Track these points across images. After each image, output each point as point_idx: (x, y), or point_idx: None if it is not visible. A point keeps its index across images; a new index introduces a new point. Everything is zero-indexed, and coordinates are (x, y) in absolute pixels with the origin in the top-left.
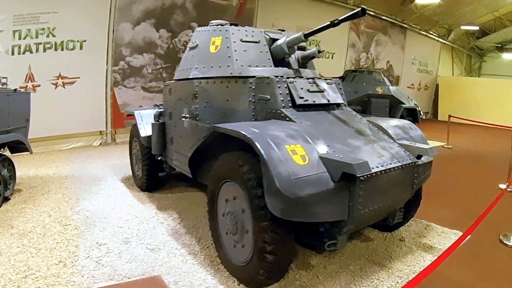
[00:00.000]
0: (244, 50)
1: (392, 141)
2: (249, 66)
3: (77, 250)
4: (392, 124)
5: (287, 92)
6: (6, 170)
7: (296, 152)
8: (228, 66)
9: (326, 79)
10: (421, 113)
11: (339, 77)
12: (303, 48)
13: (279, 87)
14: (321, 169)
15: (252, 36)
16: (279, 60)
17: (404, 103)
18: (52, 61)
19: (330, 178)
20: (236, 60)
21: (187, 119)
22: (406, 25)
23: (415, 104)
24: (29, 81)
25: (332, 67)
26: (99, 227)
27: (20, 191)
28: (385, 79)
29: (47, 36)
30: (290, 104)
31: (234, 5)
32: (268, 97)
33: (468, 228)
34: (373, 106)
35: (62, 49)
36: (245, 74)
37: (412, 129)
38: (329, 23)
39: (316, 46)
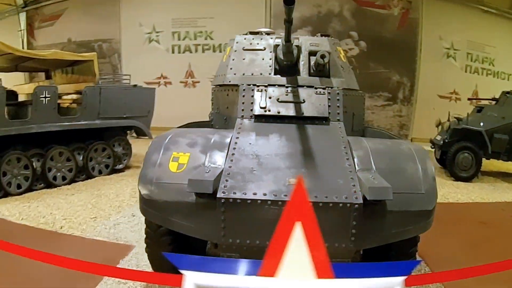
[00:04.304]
0: (243, 59)
1: (351, 171)
2: (243, 74)
3: (114, 214)
4: (378, 148)
5: (252, 101)
6: (121, 148)
7: (178, 160)
8: (225, 74)
9: (316, 88)
10: None
11: (493, 99)
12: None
13: (244, 96)
14: None
15: (258, 44)
16: (289, 67)
17: None
18: (210, 61)
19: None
20: (231, 69)
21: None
22: None
23: None
24: (189, 77)
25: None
26: None
27: (138, 167)
28: None
29: (205, 39)
30: (251, 114)
31: (396, 14)
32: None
33: None
34: None
35: (220, 51)
36: (234, 82)
37: (415, 160)
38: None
39: (482, 63)
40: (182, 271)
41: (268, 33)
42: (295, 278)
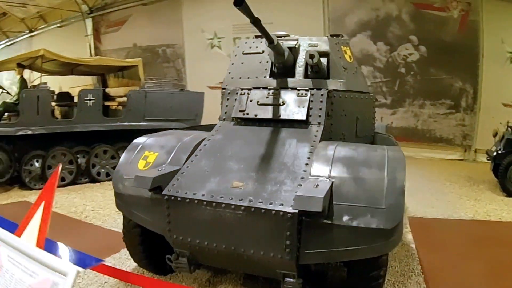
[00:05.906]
0: (242, 63)
1: (303, 178)
2: (240, 78)
3: None
4: (346, 155)
5: (234, 104)
6: None
7: (147, 158)
8: (225, 79)
9: (299, 90)
10: None
11: None
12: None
13: (228, 99)
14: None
15: (257, 47)
16: (285, 68)
17: None
18: None
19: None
20: (229, 73)
21: None
22: None
23: None
24: None
25: None
26: None
27: None
28: None
29: None
30: (232, 117)
31: (455, 17)
32: None
33: None
34: None
35: None
36: (231, 86)
37: (384, 170)
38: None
39: None
40: None
41: (281, 36)
42: (25, 241)
